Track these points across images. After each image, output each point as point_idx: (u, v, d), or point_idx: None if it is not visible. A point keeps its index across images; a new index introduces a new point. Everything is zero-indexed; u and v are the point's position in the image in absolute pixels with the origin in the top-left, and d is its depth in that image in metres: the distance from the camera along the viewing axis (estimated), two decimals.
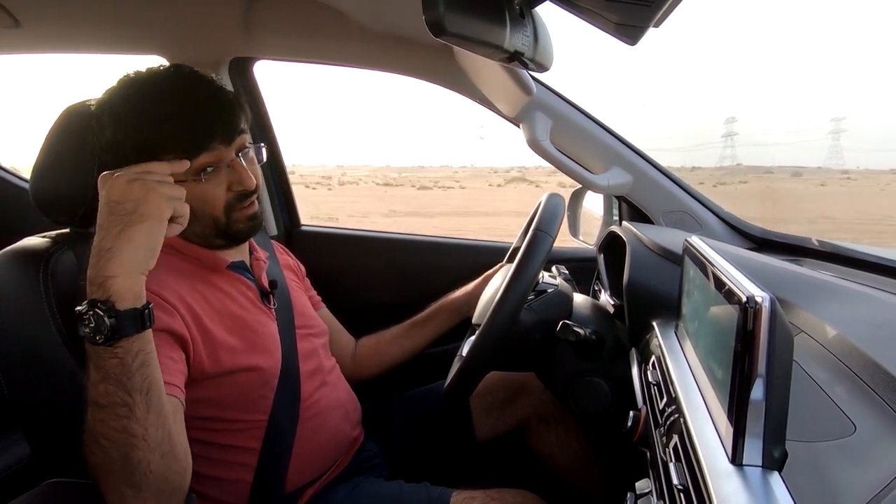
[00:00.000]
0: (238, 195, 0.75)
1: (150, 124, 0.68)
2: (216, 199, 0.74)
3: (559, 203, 0.86)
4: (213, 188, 0.73)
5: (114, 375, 0.55)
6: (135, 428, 0.56)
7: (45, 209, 0.78)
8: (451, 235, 1.43)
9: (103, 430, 0.55)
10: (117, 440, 0.55)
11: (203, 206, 0.73)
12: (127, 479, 0.56)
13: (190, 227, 0.71)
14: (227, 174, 0.74)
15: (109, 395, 0.55)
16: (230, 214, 0.75)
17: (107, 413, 0.55)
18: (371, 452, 0.94)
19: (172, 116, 0.69)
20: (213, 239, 0.78)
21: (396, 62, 1.23)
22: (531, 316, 0.82)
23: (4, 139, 10.47)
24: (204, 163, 0.71)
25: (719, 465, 0.40)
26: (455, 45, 0.57)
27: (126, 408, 0.55)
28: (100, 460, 0.56)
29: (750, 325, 0.37)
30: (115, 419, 0.55)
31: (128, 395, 0.56)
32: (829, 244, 1.00)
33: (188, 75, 0.74)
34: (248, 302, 0.81)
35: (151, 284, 0.69)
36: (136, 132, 0.69)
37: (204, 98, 0.72)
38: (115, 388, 0.55)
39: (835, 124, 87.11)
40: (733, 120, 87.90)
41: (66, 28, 1.20)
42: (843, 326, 0.56)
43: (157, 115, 0.69)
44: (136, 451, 0.56)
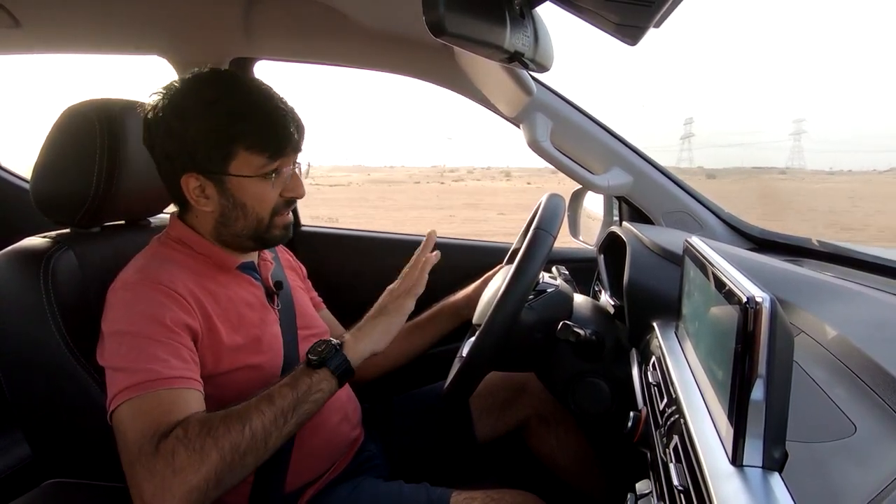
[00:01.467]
0: (286, 202, 0.79)
1: (239, 120, 0.72)
2: (270, 200, 0.77)
3: (559, 203, 0.86)
4: (273, 191, 0.77)
5: (297, 389, 0.67)
6: (272, 438, 0.64)
7: (45, 209, 0.78)
8: (451, 236, 1.43)
9: (256, 420, 0.63)
10: (257, 435, 0.62)
11: (257, 204, 0.76)
12: (227, 470, 0.60)
13: (231, 226, 0.77)
14: (283, 181, 0.78)
15: (284, 399, 0.66)
16: (273, 219, 0.78)
17: (270, 410, 0.64)
18: (371, 453, 0.94)
19: (260, 117, 0.73)
20: (245, 240, 0.79)
21: (396, 62, 1.23)
22: (531, 316, 0.82)
23: (4, 139, 10.49)
24: (276, 167, 0.75)
25: (719, 465, 0.40)
26: (455, 46, 0.57)
27: (283, 419, 0.65)
28: (225, 441, 0.60)
29: (750, 326, 0.37)
30: (270, 420, 0.64)
31: (291, 411, 0.66)
32: (829, 244, 1.00)
33: (270, 88, 0.77)
34: (255, 301, 0.81)
35: (167, 280, 0.71)
36: (217, 123, 0.72)
37: (284, 108, 0.76)
38: (292, 398, 0.66)
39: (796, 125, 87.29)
40: (691, 121, 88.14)
41: (66, 28, 1.20)
42: (843, 327, 0.56)
43: (248, 115, 0.73)
44: (254, 455, 0.62)
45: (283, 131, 0.75)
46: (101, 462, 0.74)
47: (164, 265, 0.74)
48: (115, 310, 0.69)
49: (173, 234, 0.80)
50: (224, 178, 0.74)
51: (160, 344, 0.66)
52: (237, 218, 0.76)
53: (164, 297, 0.70)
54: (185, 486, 0.57)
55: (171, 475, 0.57)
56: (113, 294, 0.71)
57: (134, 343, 0.66)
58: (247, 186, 0.75)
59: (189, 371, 0.67)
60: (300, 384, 0.68)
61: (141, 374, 0.64)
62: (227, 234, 0.78)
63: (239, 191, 0.75)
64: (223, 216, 0.77)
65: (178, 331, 0.69)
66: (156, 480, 0.57)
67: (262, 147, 0.73)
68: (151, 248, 0.79)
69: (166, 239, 0.80)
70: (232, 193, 0.75)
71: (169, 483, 0.57)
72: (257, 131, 0.73)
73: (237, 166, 0.74)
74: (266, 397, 0.65)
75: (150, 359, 0.65)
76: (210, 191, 0.75)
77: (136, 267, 0.74)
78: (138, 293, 0.70)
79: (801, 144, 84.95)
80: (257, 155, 0.74)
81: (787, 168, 62.09)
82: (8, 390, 0.74)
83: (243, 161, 0.73)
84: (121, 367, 0.65)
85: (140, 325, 0.67)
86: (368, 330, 0.76)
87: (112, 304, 0.70)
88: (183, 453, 0.58)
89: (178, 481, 0.57)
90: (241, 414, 0.63)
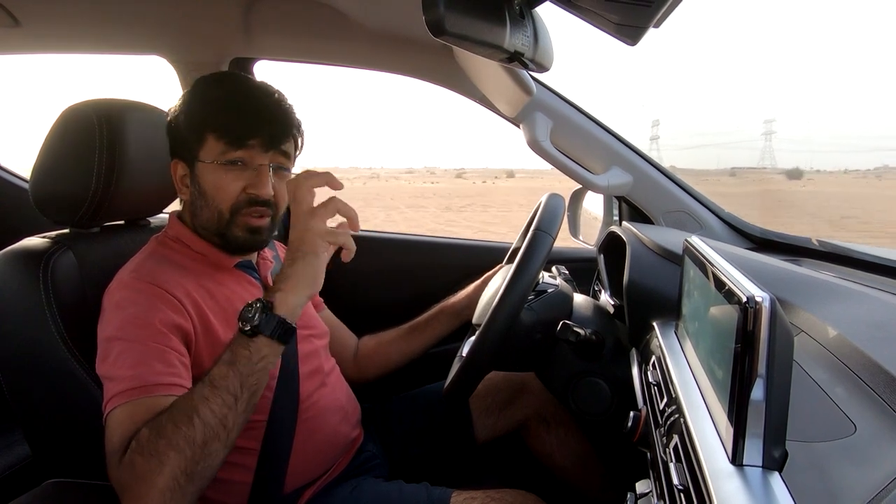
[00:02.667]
0: (249, 199, 0.76)
1: (209, 105, 0.75)
2: (229, 192, 0.75)
3: (559, 203, 0.86)
4: (231, 181, 0.75)
5: (238, 365, 0.62)
6: (228, 420, 0.61)
7: (44, 209, 0.78)
8: (451, 236, 1.43)
9: (203, 409, 0.59)
10: (210, 423, 0.59)
11: (215, 193, 0.76)
12: (191, 464, 0.58)
13: (198, 216, 0.77)
14: (249, 176, 0.75)
15: (226, 379, 0.61)
16: (234, 217, 0.76)
17: (215, 394, 0.60)
18: (371, 453, 0.94)
19: (230, 104, 0.75)
20: (211, 235, 0.78)
21: (396, 62, 1.23)
22: (531, 316, 0.82)
23: (4, 139, 10.46)
24: (237, 156, 0.74)
25: (719, 465, 0.40)
26: (455, 45, 0.57)
27: (233, 398, 0.61)
28: (178, 439, 0.58)
29: (750, 326, 0.37)
30: (219, 404, 0.60)
31: (239, 388, 0.62)
32: (829, 244, 1.00)
33: (266, 86, 0.79)
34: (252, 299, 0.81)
35: (161, 280, 0.71)
36: (197, 108, 0.76)
37: (266, 102, 0.76)
38: (234, 376, 0.62)
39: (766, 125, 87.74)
40: (657, 123, 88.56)
41: (66, 28, 1.20)
42: (843, 326, 0.56)
43: (219, 100, 0.75)
44: (217, 442, 0.60)
45: (251, 122, 0.74)
46: (101, 462, 0.74)
47: (160, 265, 0.74)
48: (107, 314, 0.69)
49: (171, 232, 0.80)
50: (195, 165, 0.76)
51: (145, 347, 0.66)
52: (202, 207, 0.77)
53: (155, 297, 0.69)
54: (154, 489, 0.57)
55: (137, 483, 0.57)
56: (107, 297, 0.71)
57: (121, 349, 0.66)
58: (209, 172, 0.75)
59: (172, 376, 0.66)
60: (239, 359, 0.62)
61: (125, 382, 0.63)
62: (198, 226, 0.79)
63: (202, 177, 0.76)
64: (193, 204, 0.78)
65: (167, 332, 0.68)
66: (127, 491, 0.58)
67: (223, 132, 0.74)
68: (149, 247, 0.79)
69: (164, 238, 0.80)
70: (198, 180, 0.76)
71: (138, 490, 0.57)
72: (224, 118, 0.74)
73: (205, 152, 0.75)
74: (208, 383, 0.61)
75: (134, 364, 0.64)
76: (187, 178, 0.78)
77: (132, 267, 0.74)
78: (129, 295, 0.69)
79: (771, 145, 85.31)
80: (219, 141, 0.74)
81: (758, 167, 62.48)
82: (7, 390, 0.74)
83: (209, 147, 0.75)
84: (109, 376, 0.65)
85: (127, 330, 0.67)
86: (293, 278, 0.66)
87: (105, 309, 0.70)
88: (140, 461, 0.58)
89: (146, 487, 0.57)
90: (185, 407, 0.60)
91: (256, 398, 0.64)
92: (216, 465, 0.61)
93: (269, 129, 0.75)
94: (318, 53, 1.26)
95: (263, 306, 0.64)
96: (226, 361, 0.63)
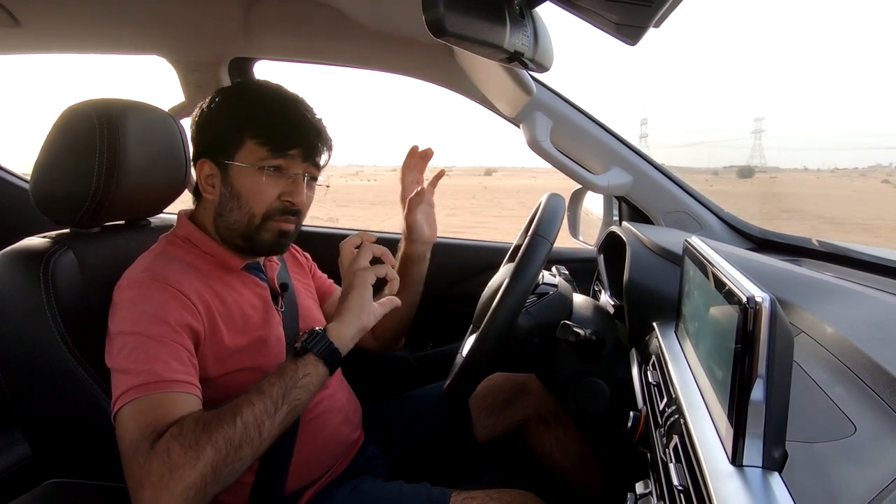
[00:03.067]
0: (283, 207, 0.78)
1: (254, 110, 0.77)
2: (265, 198, 0.77)
3: (559, 204, 0.86)
4: (268, 187, 0.77)
5: (285, 377, 0.67)
6: (265, 427, 0.64)
7: (45, 209, 0.78)
8: (450, 236, 1.43)
9: (247, 411, 0.63)
10: (249, 426, 0.62)
11: (251, 197, 0.77)
12: (222, 464, 0.60)
13: (226, 217, 0.78)
14: (285, 184, 0.78)
15: (272, 388, 0.66)
16: (266, 222, 0.78)
17: (260, 400, 0.64)
18: (371, 454, 0.94)
19: (275, 112, 0.77)
20: (236, 237, 0.79)
21: (396, 62, 1.23)
22: (529, 320, 0.82)
23: (4, 139, 10.45)
24: (277, 163, 0.76)
25: (719, 465, 0.40)
26: (455, 45, 0.57)
27: (273, 407, 0.65)
28: (218, 435, 0.60)
29: (750, 326, 0.37)
30: (261, 410, 0.64)
31: (281, 399, 0.65)
32: (828, 244, 1.00)
33: (302, 99, 0.81)
34: (259, 302, 0.81)
35: (173, 279, 0.72)
36: (238, 111, 0.77)
37: (307, 115, 0.79)
38: (279, 386, 0.66)
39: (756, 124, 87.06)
40: (646, 122, 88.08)
41: (66, 27, 1.20)
42: (843, 326, 0.56)
43: (263, 106, 0.77)
44: (249, 447, 0.62)
45: (294, 132, 0.77)
46: (101, 462, 0.74)
47: (170, 264, 0.74)
48: (120, 310, 0.70)
49: (181, 233, 0.80)
50: (229, 166, 0.77)
51: (162, 344, 0.67)
52: (232, 209, 0.77)
53: (169, 296, 0.70)
54: (182, 483, 0.57)
55: (167, 473, 0.57)
56: (119, 293, 0.71)
57: (137, 344, 0.66)
58: (245, 176, 0.76)
59: (187, 375, 0.67)
60: (287, 372, 0.68)
61: (142, 376, 0.64)
62: (222, 227, 0.79)
63: (237, 180, 0.77)
64: (221, 205, 0.78)
65: (181, 331, 0.69)
66: (153, 479, 0.57)
67: (266, 139, 0.76)
68: (158, 246, 0.79)
69: (173, 238, 0.80)
70: (231, 182, 0.77)
71: (166, 482, 0.57)
72: (267, 124, 0.76)
73: (242, 155, 0.76)
74: (255, 389, 0.65)
75: (151, 360, 0.65)
76: (216, 178, 0.78)
77: (143, 265, 0.74)
78: (144, 292, 0.70)
79: (761, 143, 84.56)
80: (261, 147, 0.76)
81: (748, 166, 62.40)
82: (8, 390, 0.74)
83: (248, 151, 0.76)
84: (124, 369, 0.66)
85: (143, 325, 0.67)
86: (344, 312, 0.74)
87: (118, 304, 0.70)
88: (178, 450, 0.58)
89: (175, 479, 0.57)
90: (232, 407, 0.63)
91: (294, 416, 0.67)
92: (239, 471, 0.63)
93: (309, 142, 0.78)
94: (318, 53, 1.26)
95: (319, 331, 0.71)
96: (275, 373, 0.67)
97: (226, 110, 0.78)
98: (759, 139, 51.57)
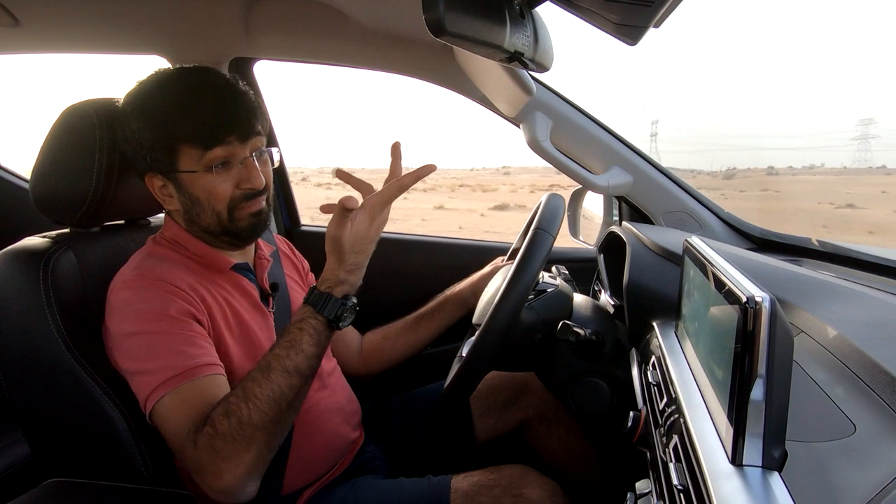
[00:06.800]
0: (245, 193, 0.76)
1: (173, 115, 0.72)
2: (222, 193, 0.75)
3: (559, 203, 0.86)
4: (222, 182, 0.74)
5: (321, 353, 0.69)
6: (304, 396, 0.68)
7: (45, 209, 0.78)
8: (450, 236, 1.44)
9: (291, 395, 0.65)
10: (294, 405, 0.66)
11: (209, 198, 0.75)
12: (273, 438, 0.64)
13: (197, 222, 0.76)
14: (238, 172, 0.75)
15: (312, 368, 0.68)
16: (234, 212, 0.76)
17: (303, 382, 0.67)
18: (371, 454, 0.94)
19: (193, 108, 0.72)
20: (218, 235, 0.78)
21: (396, 62, 1.23)
22: (531, 316, 0.82)
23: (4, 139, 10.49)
24: (218, 156, 0.73)
25: (719, 465, 0.40)
26: (455, 45, 0.57)
27: (312, 380, 0.69)
28: (264, 421, 0.63)
29: (750, 326, 0.37)
30: (304, 388, 0.67)
31: (315, 371, 0.69)
32: (829, 244, 1.00)
33: (214, 75, 0.76)
34: (248, 304, 0.81)
35: (165, 276, 0.72)
36: (157, 122, 0.72)
37: (226, 95, 0.74)
38: (317, 363, 0.69)
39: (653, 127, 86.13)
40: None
41: (66, 27, 1.20)
42: (843, 326, 0.56)
43: (180, 106, 0.72)
44: (293, 413, 0.67)
45: (215, 119, 0.72)
46: (101, 462, 0.74)
47: (160, 263, 0.74)
48: (119, 311, 0.70)
49: (168, 234, 0.80)
50: (177, 176, 0.74)
51: (172, 336, 0.67)
52: (198, 214, 0.76)
53: (165, 291, 0.70)
54: (241, 464, 0.61)
55: (222, 462, 0.61)
56: (114, 295, 0.71)
57: (146, 342, 0.67)
58: (195, 181, 0.74)
59: (206, 356, 0.68)
60: (323, 347, 0.69)
61: (164, 372, 0.65)
62: (199, 232, 0.78)
63: (191, 187, 0.74)
64: (187, 213, 0.77)
65: (186, 319, 0.69)
66: (211, 468, 0.61)
67: (195, 138, 0.72)
68: (147, 247, 0.79)
69: (161, 239, 0.80)
70: (186, 190, 0.75)
71: (224, 467, 0.61)
72: (190, 123, 0.72)
73: (183, 162, 0.73)
74: (296, 373, 0.66)
75: (166, 355, 0.66)
76: (171, 189, 0.76)
77: (133, 265, 0.74)
78: (139, 292, 0.70)
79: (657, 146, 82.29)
80: (195, 147, 0.72)
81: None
82: (7, 390, 0.74)
83: (187, 156, 0.73)
84: (142, 370, 0.67)
85: (148, 324, 0.68)
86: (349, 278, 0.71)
87: (115, 306, 0.70)
88: (222, 446, 0.61)
89: (232, 464, 0.61)
90: (260, 395, 0.64)
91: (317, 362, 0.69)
92: (286, 431, 0.67)
93: (239, 120, 0.73)
94: (318, 53, 1.26)
95: (352, 303, 0.70)
96: (313, 354, 0.68)
97: (146, 124, 0.73)
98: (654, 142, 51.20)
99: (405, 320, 1.05)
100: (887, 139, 79.40)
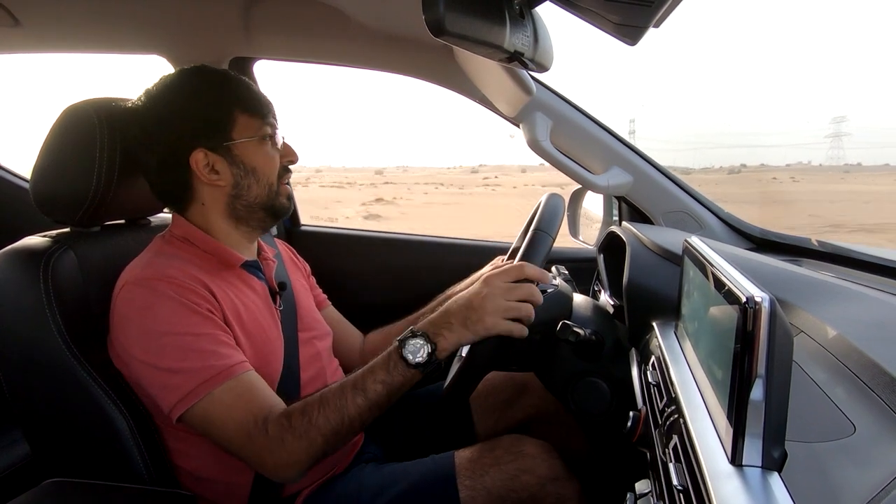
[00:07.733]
0: (284, 167, 0.81)
1: (228, 86, 0.78)
2: (274, 164, 0.80)
3: (559, 203, 0.86)
4: (274, 154, 0.80)
5: (398, 394, 0.73)
6: (366, 423, 0.72)
7: (45, 209, 0.78)
8: (450, 236, 1.44)
9: (361, 419, 0.70)
10: (355, 426, 0.70)
11: (265, 166, 0.79)
12: (329, 447, 0.69)
13: (245, 196, 0.79)
14: (282, 147, 0.81)
15: (384, 407, 0.72)
16: (279, 186, 0.81)
17: (375, 412, 0.71)
18: (371, 454, 0.94)
19: (240, 80, 0.79)
20: (257, 210, 0.80)
21: (396, 62, 1.23)
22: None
23: (4, 139, 10.48)
24: (272, 126, 0.79)
25: (719, 465, 0.40)
26: (455, 45, 0.57)
27: (379, 412, 0.72)
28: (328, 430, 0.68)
29: (750, 326, 0.37)
30: (368, 415, 0.71)
31: (385, 404, 0.72)
32: (828, 244, 1.00)
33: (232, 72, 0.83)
34: (259, 301, 0.81)
35: (178, 274, 0.72)
36: (211, 93, 0.77)
37: (253, 87, 0.80)
38: (391, 394, 0.72)
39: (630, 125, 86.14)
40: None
41: (66, 28, 1.20)
42: (843, 327, 0.56)
43: (233, 80, 0.79)
44: (352, 434, 0.71)
45: (261, 96, 0.79)
46: (101, 462, 0.74)
47: (171, 261, 0.74)
48: (138, 311, 0.69)
49: (178, 232, 0.79)
50: (231, 146, 0.76)
51: (200, 337, 0.68)
52: (250, 185, 0.78)
53: (182, 288, 0.70)
54: (305, 456, 0.67)
55: (286, 455, 0.67)
56: (128, 291, 0.71)
57: (172, 343, 0.67)
58: (254, 149, 0.77)
59: (236, 352, 0.70)
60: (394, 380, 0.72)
61: (201, 373, 0.67)
62: (241, 208, 0.79)
63: (246, 155, 0.77)
64: (236, 186, 0.78)
65: (209, 316, 0.71)
66: (276, 455, 0.67)
67: (255, 108, 0.77)
68: (155, 245, 0.79)
69: (170, 237, 0.80)
70: (241, 160, 0.77)
71: (286, 458, 0.67)
72: (247, 94, 0.78)
73: (240, 130, 0.77)
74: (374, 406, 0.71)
75: (198, 354, 0.67)
76: (219, 164, 0.77)
77: (144, 263, 0.74)
78: (154, 291, 0.70)
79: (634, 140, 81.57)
80: (252, 117, 0.77)
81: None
82: (7, 389, 0.74)
83: (243, 125, 0.77)
84: (174, 370, 0.67)
85: (170, 325, 0.68)
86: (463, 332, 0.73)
87: (130, 306, 0.70)
88: (290, 439, 0.66)
89: (293, 458, 0.67)
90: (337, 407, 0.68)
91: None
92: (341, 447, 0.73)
93: (269, 102, 0.80)
94: (318, 53, 1.26)
95: (432, 350, 0.72)
96: (395, 391, 0.72)
97: (204, 93, 0.76)
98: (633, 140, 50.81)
99: (406, 320, 1.05)
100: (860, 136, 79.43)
